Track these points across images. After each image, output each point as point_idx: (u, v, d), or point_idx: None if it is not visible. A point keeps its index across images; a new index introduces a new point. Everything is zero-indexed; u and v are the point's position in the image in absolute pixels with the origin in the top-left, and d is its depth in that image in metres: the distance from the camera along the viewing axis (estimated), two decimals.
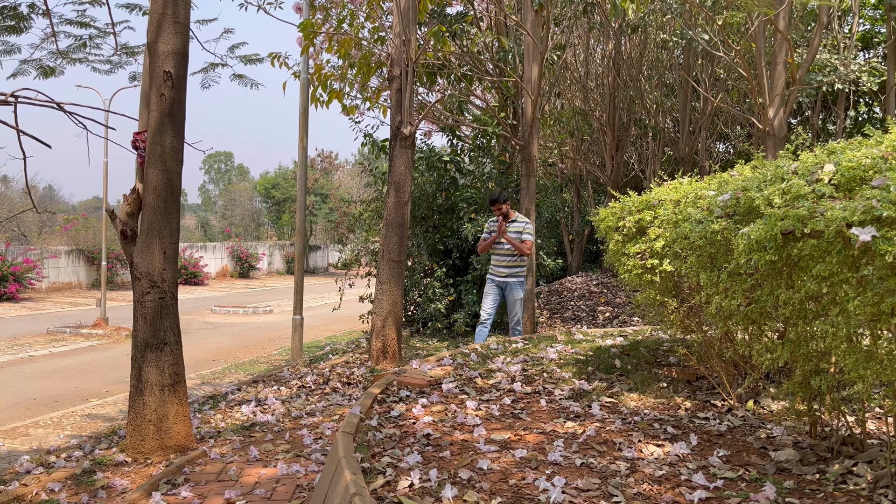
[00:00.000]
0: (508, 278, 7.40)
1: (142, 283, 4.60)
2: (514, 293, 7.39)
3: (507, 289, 7.40)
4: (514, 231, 7.33)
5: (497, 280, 7.45)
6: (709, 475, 2.85)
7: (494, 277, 7.49)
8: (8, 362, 10.63)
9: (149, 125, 4.68)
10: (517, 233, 7.34)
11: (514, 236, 7.29)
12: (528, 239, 7.41)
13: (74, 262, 24.44)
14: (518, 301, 7.46)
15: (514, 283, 7.40)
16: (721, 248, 3.01)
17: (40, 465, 4.73)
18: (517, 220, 7.45)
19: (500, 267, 7.45)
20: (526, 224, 7.49)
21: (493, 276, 7.52)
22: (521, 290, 7.46)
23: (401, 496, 2.53)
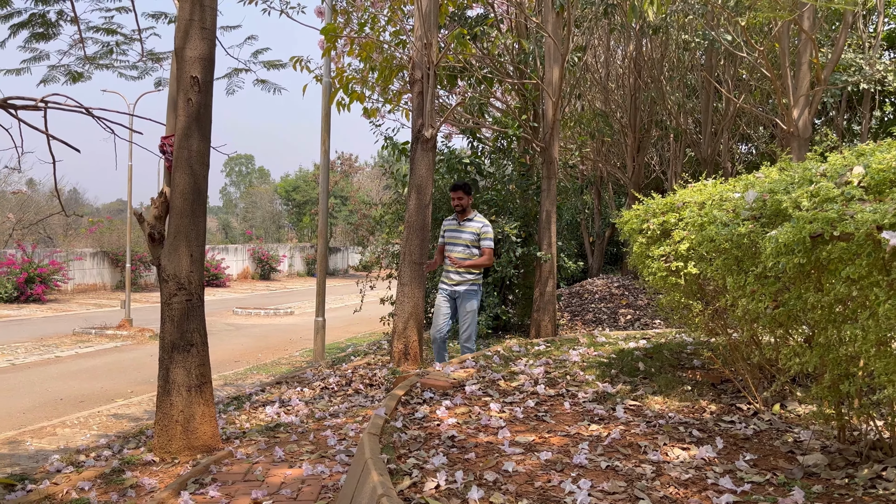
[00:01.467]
0: (460, 286, 6.37)
1: (169, 286, 4.67)
2: (466, 303, 6.34)
3: (459, 299, 6.39)
4: (469, 232, 6.38)
5: (447, 289, 6.43)
6: (736, 479, 2.84)
7: (444, 286, 6.47)
8: (35, 362, 10.80)
9: (176, 129, 4.75)
10: (473, 235, 6.37)
11: (471, 237, 6.36)
12: (486, 246, 6.37)
13: (99, 263, 24.79)
14: (471, 313, 6.36)
15: (466, 292, 6.35)
16: (747, 251, 2.99)
17: (70, 464, 4.82)
18: (474, 220, 6.46)
19: (451, 273, 6.47)
20: (484, 226, 6.43)
21: (443, 284, 6.50)
22: (475, 300, 6.39)
23: (427, 497, 2.55)
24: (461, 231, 6.37)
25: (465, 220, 6.43)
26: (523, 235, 10.36)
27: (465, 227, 6.39)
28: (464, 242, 6.37)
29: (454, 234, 6.42)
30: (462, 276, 6.39)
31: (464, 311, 6.35)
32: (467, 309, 6.32)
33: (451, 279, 6.41)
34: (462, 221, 6.42)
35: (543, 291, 9.77)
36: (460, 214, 6.46)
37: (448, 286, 6.41)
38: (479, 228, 6.37)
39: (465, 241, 6.37)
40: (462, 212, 6.45)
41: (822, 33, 12.21)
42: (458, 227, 6.37)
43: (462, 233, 6.38)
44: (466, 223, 6.40)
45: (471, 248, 6.37)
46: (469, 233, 6.37)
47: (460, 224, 6.39)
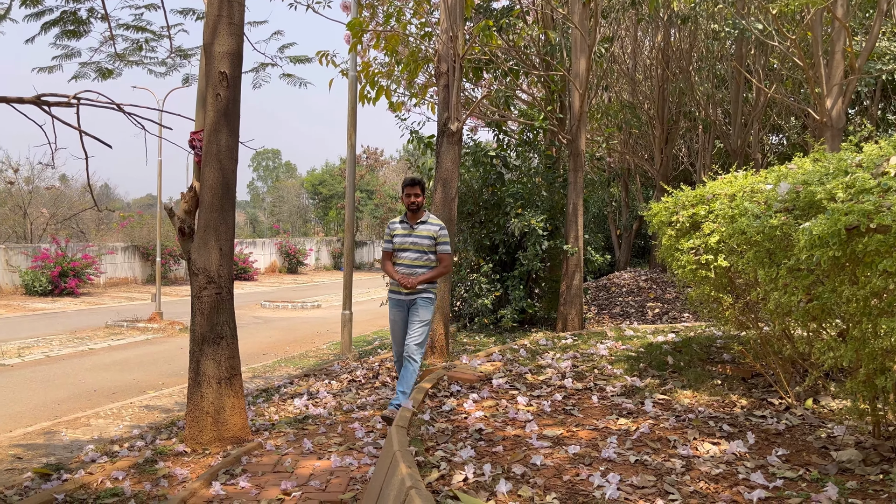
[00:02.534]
0: (414, 294, 5.30)
1: (199, 279, 4.72)
2: (419, 312, 5.27)
3: (412, 306, 5.33)
4: (423, 235, 5.35)
5: (401, 298, 5.37)
6: (768, 475, 2.80)
7: (397, 295, 5.40)
8: (69, 355, 11.01)
9: (205, 125, 4.80)
10: (429, 239, 5.35)
11: (425, 242, 5.34)
12: (445, 251, 5.39)
13: (130, 257, 25.18)
14: (424, 323, 5.26)
15: (419, 301, 5.30)
16: (780, 244, 2.94)
17: (104, 454, 4.91)
18: (429, 222, 5.43)
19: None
20: (440, 229, 5.43)
21: (394, 294, 5.44)
22: (430, 308, 5.35)
23: (456, 490, 2.55)
24: (414, 235, 5.35)
25: (418, 221, 5.40)
26: (550, 228, 10.31)
27: (418, 230, 5.37)
28: (418, 248, 5.33)
29: (405, 238, 5.39)
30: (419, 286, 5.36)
31: (416, 319, 5.26)
32: (421, 317, 5.26)
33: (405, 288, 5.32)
34: (415, 224, 5.39)
35: (570, 285, 9.72)
36: (412, 215, 5.44)
37: (401, 296, 5.37)
38: (435, 231, 5.38)
39: (420, 246, 5.33)
40: (416, 211, 5.43)
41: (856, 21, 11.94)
42: (409, 230, 5.37)
43: (415, 237, 5.35)
44: (420, 226, 5.39)
45: (427, 253, 5.35)
46: (424, 237, 5.36)
47: (413, 227, 5.38)
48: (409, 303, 5.33)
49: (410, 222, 5.42)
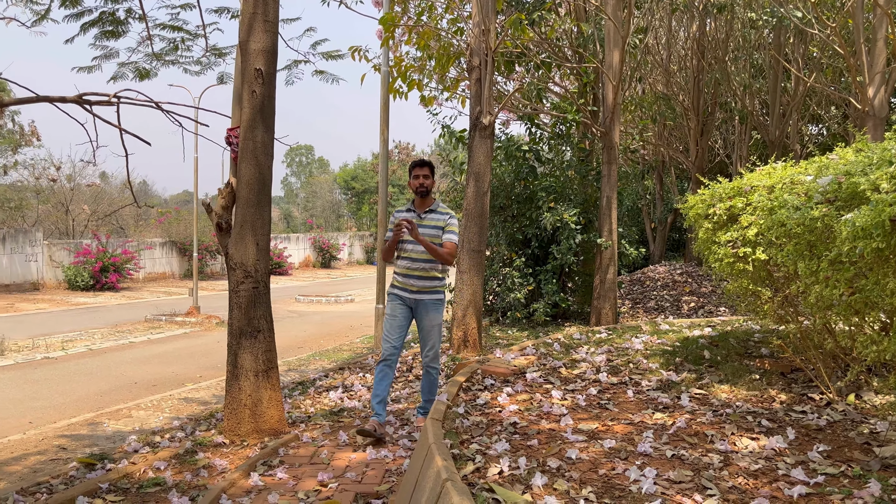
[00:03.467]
0: (422, 294, 4.88)
1: (236, 274, 4.80)
2: (430, 316, 4.89)
3: (420, 309, 4.90)
4: (431, 226, 4.89)
5: (405, 296, 4.91)
6: (808, 470, 2.76)
7: (401, 292, 4.93)
8: (111, 348, 11.27)
9: (241, 121, 4.87)
10: (436, 228, 4.89)
11: (432, 233, 4.86)
12: (450, 240, 4.88)
13: (168, 253, 25.64)
14: (436, 328, 4.93)
15: (429, 302, 4.90)
16: (821, 236, 2.89)
17: (146, 444, 5.03)
18: (438, 211, 4.97)
19: (410, 277, 4.90)
20: (449, 218, 4.96)
21: (398, 289, 4.96)
22: (439, 313, 4.97)
23: (491, 483, 2.56)
24: (422, 225, 4.87)
25: (426, 210, 4.96)
26: (583, 222, 10.25)
27: (427, 219, 4.91)
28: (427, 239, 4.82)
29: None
30: (426, 282, 4.90)
31: (428, 325, 4.90)
32: (433, 322, 4.90)
33: (410, 285, 4.89)
34: (423, 213, 4.94)
35: (604, 279, 9.65)
36: (421, 201, 4.97)
37: (407, 293, 4.90)
38: (445, 221, 4.92)
39: (429, 237, 4.84)
40: (424, 196, 4.96)
41: None
42: (417, 219, 4.90)
43: (424, 227, 4.87)
44: (429, 215, 4.93)
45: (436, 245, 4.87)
46: (433, 227, 4.89)
47: (421, 216, 4.92)
48: (415, 303, 4.90)
49: (418, 210, 4.96)
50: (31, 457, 5.46)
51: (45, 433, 6.32)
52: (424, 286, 4.89)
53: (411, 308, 4.94)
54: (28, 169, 25.49)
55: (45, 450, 5.68)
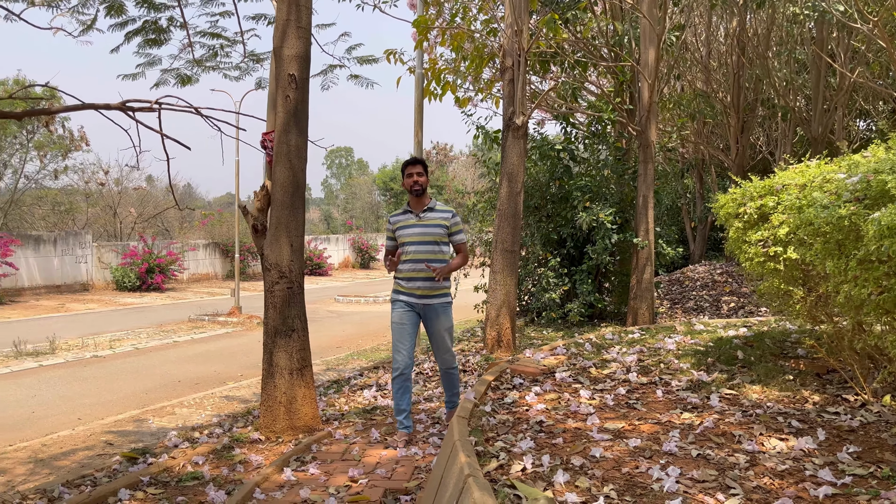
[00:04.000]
0: (429, 298, 4.66)
1: (271, 274, 4.92)
2: (440, 320, 4.68)
3: (430, 314, 4.69)
4: (433, 224, 4.67)
5: (412, 302, 4.67)
6: (836, 471, 2.73)
7: (407, 298, 4.69)
8: (155, 347, 11.58)
9: (275, 125, 4.99)
10: (441, 228, 4.67)
11: (436, 231, 4.65)
12: (461, 241, 4.77)
13: (211, 254, 26.20)
14: (448, 332, 4.73)
15: (438, 307, 4.68)
16: (849, 235, 2.85)
17: (186, 440, 5.19)
18: (437, 209, 4.74)
19: (416, 280, 4.63)
20: (452, 216, 4.74)
21: (403, 295, 4.72)
22: (450, 316, 4.76)
23: (513, 479, 2.60)
24: (422, 225, 4.66)
25: (424, 209, 4.71)
26: (619, 221, 10.17)
27: (426, 219, 4.68)
28: (429, 239, 4.64)
29: (412, 230, 4.69)
30: (433, 285, 4.66)
31: (440, 329, 4.69)
32: (444, 326, 4.69)
33: (416, 288, 4.64)
34: (421, 213, 4.69)
35: (640, 279, 9.57)
36: (417, 201, 4.74)
37: (414, 298, 4.66)
38: (448, 219, 4.70)
39: (432, 236, 4.64)
40: (420, 195, 4.71)
41: None
42: (416, 220, 4.67)
43: (424, 227, 4.65)
44: (427, 214, 4.70)
45: (439, 245, 4.67)
46: (434, 226, 4.66)
47: (419, 216, 4.68)
48: (423, 308, 4.67)
49: (416, 210, 4.72)
50: (80, 452, 5.66)
51: (92, 429, 6.54)
52: (432, 289, 4.64)
53: (419, 314, 4.71)
54: (78, 173, 26.32)
55: (93, 445, 5.88)
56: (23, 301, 18.49)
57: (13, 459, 5.54)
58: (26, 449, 5.86)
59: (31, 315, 15.75)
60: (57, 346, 11.12)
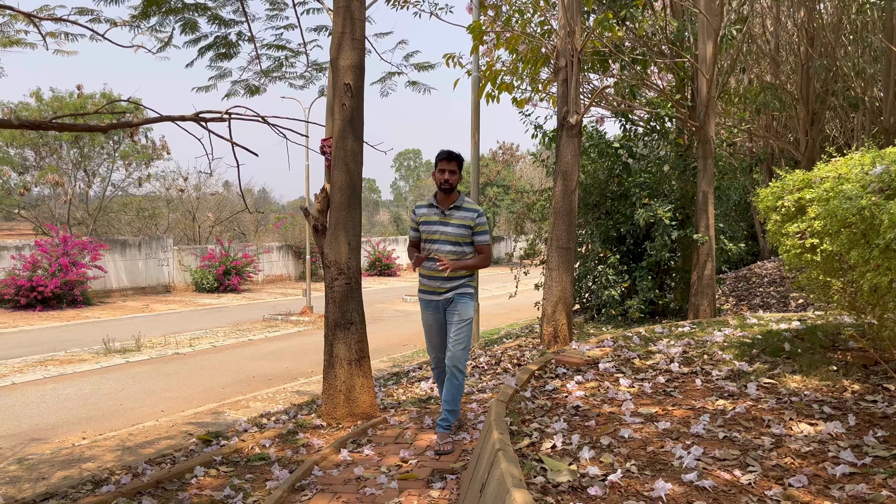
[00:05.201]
0: (452, 292, 4.57)
1: (331, 271, 5.26)
2: (460, 309, 4.55)
3: (451, 307, 4.58)
4: (458, 224, 4.55)
5: (436, 300, 4.62)
6: (859, 453, 2.82)
7: (430, 296, 4.65)
8: (232, 345, 12.20)
9: (333, 132, 5.32)
10: (465, 228, 4.55)
11: (460, 231, 4.54)
12: (484, 242, 4.61)
13: (284, 256, 27.14)
14: (466, 323, 4.55)
15: (459, 298, 4.58)
16: (871, 225, 2.94)
17: (255, 425, 5.60)
18: (464, 207, 4.59)
19: (437, 279, 4.58)
20: (478, 216, 4.59)
21: (427, 294, 4.67)
22: (471, 305, 4.63)
23: (542, 455, 2.81)
24: (447, 223, 4.55)
25: (451, 207, 4.57)
26: (680, 218, 10.14)
27: (452, 217, 4.56)
28: (452, 238, 4.54)
29: (436, 227, 4.58)
30: (455, 282, 4.60)
31: (458, 320, 4.53)
32: (462, 317, 4.54)
33: (439, 286, 4.58)
34: (447, 210, 4.57)
35: (701, 275, 9.53)
36: (445, 197, 4.60)
37: (435, 296, 4.61)
38: (473, 219, 4.56)
39: (455, 236, 4.54)
40: (448, 192, 4.57)
41: None
42: (441, 217, 4.57)
43: (448, 225, 4.55)
44: (455, 212, 4.56)
45: (462, 245, 4.56)
46: (459, 226, 4.54)
47: (445, 213, 4.57)
48: (445, 302, 4.60)
49: (442, 207, 4.58)
50: (163, 441, 6.15)
51: (174, 420, 7.05)
52: (454, 286, 4.57)
53: (444, 309, 4.64)
54: (159, 180, 27.72)
55: (174, 435, 6.37)
56: (111, 302, 19.67)
57: (103, 447, 6.08)
58: (115, 438, 6.41)
59: (119, 315, 16.78)
60: (142, 343, 11.87)
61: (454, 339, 4.50)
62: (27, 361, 10.51)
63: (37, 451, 6.07)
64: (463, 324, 4.52)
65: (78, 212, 24.23)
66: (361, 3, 5.26)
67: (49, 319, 15.79)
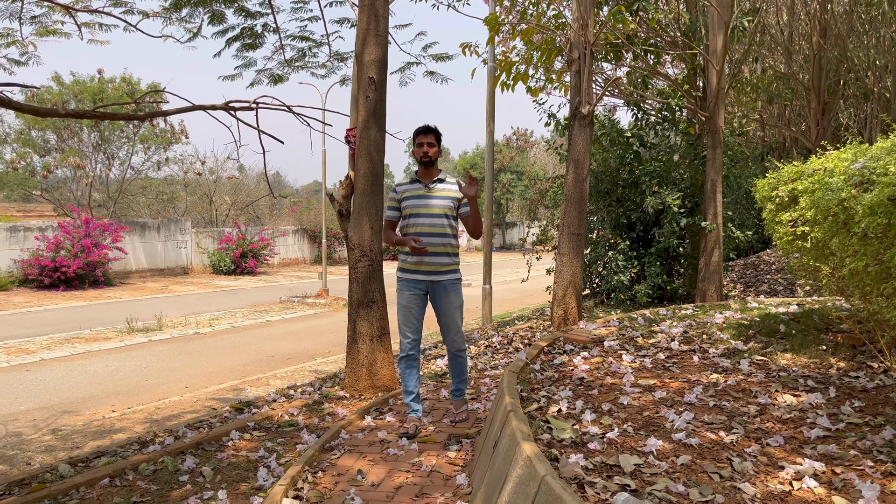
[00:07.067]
0: (438, 275, 4.44)
1: (354, 253, 5.61)
2: (449, 298, 4.45)
3: (438, 291, 4.45)
4: (442, 196, 4.46)
5: (420, 279, 4.46)
6: (835, 420, 3.14)
7: (413, 276, 4.47)
8: (250, 326, 12.62)
9: (357, 122, 5.66)
10: (451, 200, 4.47)
11: (446, 203, 4.45)
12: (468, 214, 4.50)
13: (299, 240, 27.57)
14: (458, 310, 4.49)
15: (447, 283, 4.45)
16: (849, 215, 3.24)
17: (283, 396, 5.99)
18: (447, 181, 4.54)
19: (424, 258, 4.42)
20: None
21: (409, 273, 4.49)
22: (460, 294, 4.51)
23: (548, 416, 3.16)
24: (431, 196, 4.44)
25: (433, 180, 4.49)
26: (689, 205, 10.41)
27: (436, 190, 4.47)
28: (438, 211, 4.43)
29: (420, 201, 4.46)
30: (441, 259, 4.44)
31: (450, 307, 4.44)
32: (454, 303, 4.44)
33: (425, 264, 4.42)
34: (430, 183, 4.48)
35: (709, 261, 9.81)
36: (426, 172, 4.51)
37: (420, 275, 4.45)
38: (458, 191, 4.49)
39: (442, 208, 4.44)
40: (429, 166, 4.48)
41: None
42: (425, 191, 4.46)
43: (433, 198, 4.44)
44: (437, 185, 4.48)
45: (448, 218, 4.45)
46: (444, 198, 4.46)
47: (428, 186, 4.47)
48: (432, 285, 4.44)
49: (425, 181, 4.50)
50: (187, 414, 6.55)
51: (198, 396, 7.45)
52: (440, 264, 4.43)
53: (426, 293, 4.50)
54: (178, 164, 28.18)
55: (199, 410, 6.75)
56: (131, 283, 20.18)
57: (132, 419, 6.49)
58: (143, 411, 6.82)
59: (139, 296, 17.26)
60: (163, 323, 12.30)
61: (452, 327, 4.48)
62: (54, 339, 10.96)
63: (69, 422, 6.49)
64: (457, 310, 4.47)
65: (98, 194, 24.73)
66: (385, 1, 5.57)
67: (72, 299, 16.29)
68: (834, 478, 2.54)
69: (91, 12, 7.44)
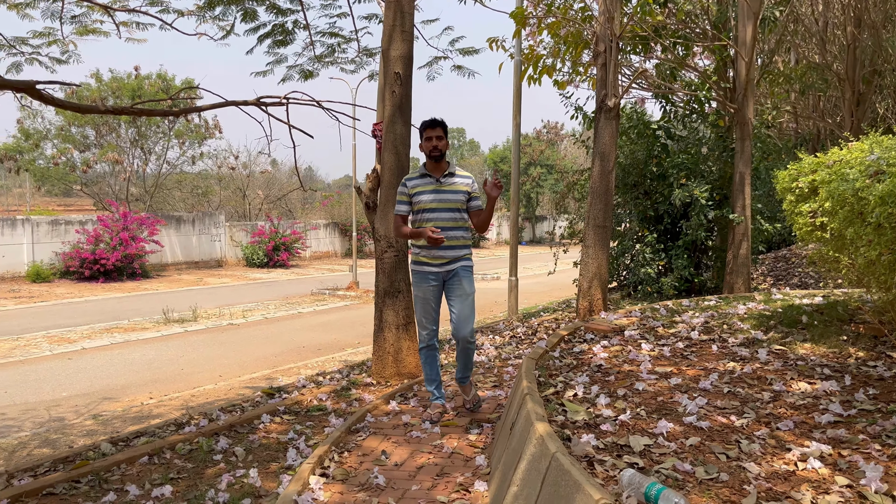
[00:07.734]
0: (452, 264, 4.48)
1: (381, 244, 5.76)
2: (463, 284, 4.46)
3: (452, 279, 4.48)
4: (454, 191, 4.48)
5: (435, 271, 4.49)
6: (848, 407, 3.20)
7: (429, 267, 4.50)
8: (282, 317, 12.89)
9: (384, 117, 5.80)
10: (462, 194, 4.49)
11: (457, 198, 4.47)
12: (477, 208, 4.56)
13: (331, 233, 27.90)
14: (470, 298, 4.48)
15: (460, 270, 4.49)
16: (864, 205, 3.29)
17: (312, 382, 6.18)
18: (458, 175, 4.55)
19: (437, 250, 4.45)
20: (473, 182, 4.58)
21: (424, 265, 4.52)
22: (472, 281, 4.53)
23: (564, 400, 3.27)
24: (443, 191, 4.47)
25: (444, 174, 4.51)
26: (717, 198, 10.37)
27: (447, 184, 4.49)
28: (450, 205, 4.47)
29: (433, 195, 4.48)
30: (456, 251, 4.49)
31: (462, 294, 4.45)
32: (467, 290, 4.46)
33: (439, 256, 4.45)
34: (441, 177, 4.49)
35: (737, 254, 9.78)
36: (435, 166, 4.52)
37: (435, 267, 4.48)
38: (469, 185, 4.54)
39: (453, 203, 4.48)
40: (438, 160, 4.51)
41: None
42: (436, 185, 4.48)
43: (444, 192, 4.47)
44: (448, 179, 4.50)
45: (461, 212, 4.51)
46: (455, 192, 4.49)
47: (440, 181, 4.49)
48: (446, 275, 4.48)
49: (435, 175, 4.51)
50: (221, 402, 6.77)
51: (231, 384, 7.69)
52: (455, 255, 4.48)
53: (442, 284, 4.53)
54: (212, 159, 28.69)
55: (233, 398, 6.96)
56: (167, 275, 20.67)
57: (169, 406, 6.74)
58: (178, 399, 7.07)
59: (175, 287, 17.68)
60: (199, 314, 12.63)
61: (462, 315, 4.44)
62: (94, 329, 11.34)
63: (109, 408, 6.76)
64: (468, 298, 4.46)
65: (135, 188, 25.32)
66: None
67: (111, 291, 16.76)
68: (840, 460, 2.61)
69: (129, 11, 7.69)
